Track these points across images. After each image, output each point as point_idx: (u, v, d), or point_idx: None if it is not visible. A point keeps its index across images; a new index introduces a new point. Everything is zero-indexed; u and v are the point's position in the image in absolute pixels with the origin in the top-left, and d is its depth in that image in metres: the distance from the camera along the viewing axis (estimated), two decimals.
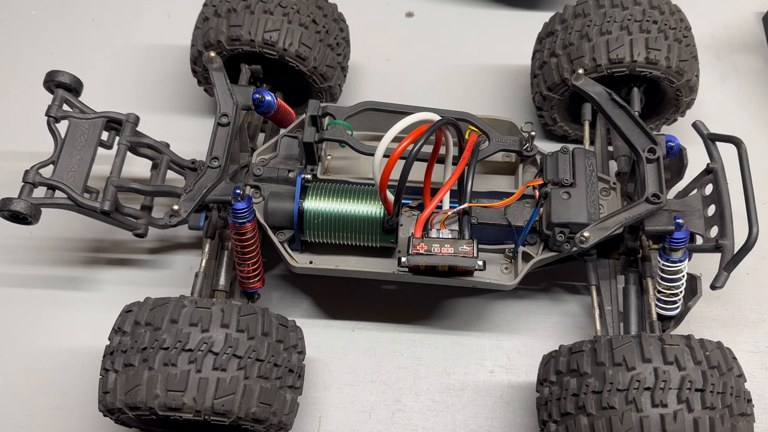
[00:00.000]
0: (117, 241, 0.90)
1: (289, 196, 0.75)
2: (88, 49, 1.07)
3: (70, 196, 0.74)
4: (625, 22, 0.83)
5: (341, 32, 0.92)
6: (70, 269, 0.89)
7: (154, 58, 1.06)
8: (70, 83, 0.79)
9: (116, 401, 0.64)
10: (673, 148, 0.76)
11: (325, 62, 0.87)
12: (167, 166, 0.82)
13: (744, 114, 0.99)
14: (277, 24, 0.84)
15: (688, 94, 0.86)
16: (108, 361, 0.66)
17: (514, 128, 0.80)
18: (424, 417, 0.79)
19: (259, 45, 0.83)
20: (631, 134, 0.74)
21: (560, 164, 0.74)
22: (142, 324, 0.66)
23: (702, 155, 0.75)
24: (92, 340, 0.80)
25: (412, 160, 0.63)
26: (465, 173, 0.73)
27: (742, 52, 1.05)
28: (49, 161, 0.76)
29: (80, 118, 0.78)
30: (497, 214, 0.75)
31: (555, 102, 0.89)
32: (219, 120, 0.78)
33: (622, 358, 0.63)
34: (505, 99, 1.02)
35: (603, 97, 0.76)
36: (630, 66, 0.82)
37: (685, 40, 0.85)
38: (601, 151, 0.84)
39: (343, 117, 0.77)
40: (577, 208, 0.72)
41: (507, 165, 0.83)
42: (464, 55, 1.07)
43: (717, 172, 0.73)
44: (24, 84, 1.01)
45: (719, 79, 1.02)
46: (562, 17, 0.89)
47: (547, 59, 0.88)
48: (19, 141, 0.95)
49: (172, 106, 1.01)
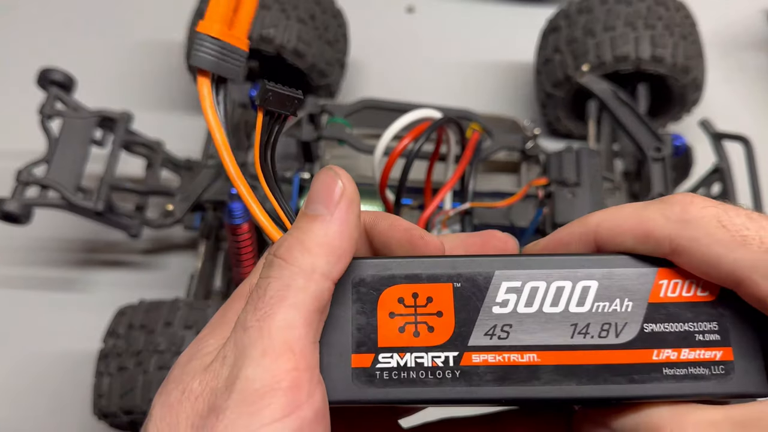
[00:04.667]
0: (110, 241, 0.89)
1: (286, 196, 0.74)
2: (81, 46, 1.06)
3: (64, 196, 0.73)
4: (629, 18, 0.82)
5: (340, 28, 0.91)
6: (63, 270, 0.87)
7: (148, 55, 1.05)
8: (64, 81, 0.78)
9: (111, 405, 0.63)
10: (680, 146, 0.75)
11: (323, 59, 0.86)
12: (162, 165, 0.80)
13: (751, 112, 0.98)
14: (275, 19, 0.83)
15: (694, 91, 0.85)
16: (102, 365, 0.65)
17: (516, 126, 0.79)
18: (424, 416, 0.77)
19: (256, 41, 0.82)
20: (636, 133, 0.73)
21: (565, 163, 0.73)
22: (136, 327, 0.65)
23: (709, 154, 0.74)
24: (86, 343, 0.79)
25: (413, 158, 0.62)
26: (467, 172, 0.71)
27: (748, 50, 1.04)
28: (42, 160, 0.75)
29: (73, 116, 0.77)
30: (500, 214, 0.74)
31: (559, 99, 0.88)
32: None
33: None
34: (508, 96, 1.01)
35: (608, 95, 0.75)
36: (635, 63, 0.81)
37: (691, 37, 0.84)
38: (606, 150, 0.83)
39: (341, 115, 0.75)
40: (581, 208, 0.71)
41: (510, 164, 0.82)
42: (466, 51, 1.06)
43: (724, 171, 0.72)
44: (16, 81, 1.00)
45: (726, 77, 1.01)
46: (567, 13, 0.88)
47: (550, 56, 0.87)
48: (9, 139, 0.94)
49: (166, 104, 1.00)
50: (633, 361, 0.28)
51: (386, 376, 0.28)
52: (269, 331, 0.25)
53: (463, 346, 0.28)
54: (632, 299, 0.28)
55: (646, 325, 0.28)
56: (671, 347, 0.28)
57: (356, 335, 0.28)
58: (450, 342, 0.28)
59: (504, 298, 0.29)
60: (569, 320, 0.28)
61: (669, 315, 0.28)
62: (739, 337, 0.28)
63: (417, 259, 0.29)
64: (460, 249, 0.31)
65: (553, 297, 0.29)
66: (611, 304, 0.28)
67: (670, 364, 0.28)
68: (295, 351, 0.25)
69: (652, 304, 0.28)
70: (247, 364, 0.25)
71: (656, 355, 0.28)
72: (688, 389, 0.27)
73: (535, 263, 0.29)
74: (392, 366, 0.28)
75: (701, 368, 0.28)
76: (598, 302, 0.28)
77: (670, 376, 0.28)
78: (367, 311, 0.28)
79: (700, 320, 0.28)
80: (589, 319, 0.28)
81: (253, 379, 0.25)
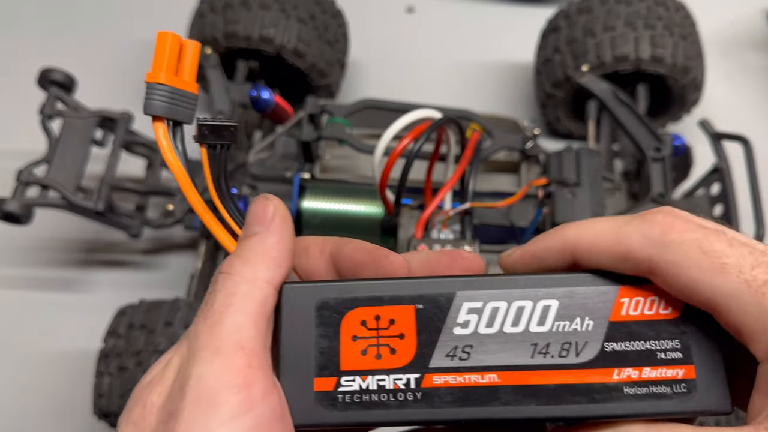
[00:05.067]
0: (110, 241, 0.89)
1: (286, 196, 0.74)
2: (81, 46, 1.06)
3: (64, 196, 0.73)
4: (629, 18, 0.82)
5: (340, 28, 0.91)
6: (63, 270, 0.87)
7: (148, 55, 1.04)
8: (64, 81, 0.78)
9: (111, 405, 0.63)
10: (679, 147, 0.75)
11: (323, 59, 0.86)
12: (162, 165, 0.80)
13: (751, 112, 0.98)
14: (275, 20, 0.82)
15: (693, 91, 0.85)
16: (102, 365, 0.65)
17: (516, 126, 0.79)
18: None
19: (256, 41, 0.82)
20: (636, 133, 0.73)
21: (564, 163, 0.73)
22: (136, 326, 0.65)
23: (709, 154, 0.74)
24: (86, 343, 0.79)
25: (413, 158, 0.62)
26: (467, 172, 0.71)
27: (749, 50, 1.04)
28: (43, 160, 0.75)
29: (74, 116, 0.77)
30: (500, 214, 0.74)
31: (559, 99, 0.87)
32: (215, 117, 0.76)
33: None
34: (508, 96, 1.01)
35: (608, 95, 0.75)
36: (635, 63, 0.81)
37: (691, 37, 0.84)
38: (606, 150, 0.83)
39: (342, 115, 0.75)
40: (581, 208, 0.71)
41: (510, 164, 0.81)
42: (466, 51, 1.06)
43: (724, 171, 0.72)
44: (16, 81, 1.00)
45: (726, 77, 1.01)
46: (567, 13, 0.88)
47: (550, 56, 0.87)
48: (9, 139, 0.94)
49: None
50: (593, 381, 0.28)
51: (348, 400, 0.28)
52: (219, 334, 0.26)
53: (425, 368, 0.28)
54: (593, 318, 0.28)
55: (607, 344, 0.28)
56: (632, 366, 0.28)
57: (319, 359, 0.28)
58: (412, 364, 0.28)
59: (465, 319, 0.28)
60: (530, 340, 0.28)
61: (630, 333, 0.28)
62: (701, 354, 0.28)
63: (379, 282, 0.29)
64: (426, 268, 0.31)
65: (513, 317, 0.28)
66: (572, 323, 0.28)
67: (631, 383, 0.28)
68: (246, 350, 0.26)
69: (614, 322, 0.28)
70: (199, 363, 0.26)
71: (617, 374, 0.28)
72: (650, 408, 0.27)
73: (496, 283, 0.29)
74: (354, 389, 0.28)
75: (663, 387, 0.27)
76: (559, 321, 0.28)
77: (632, 395, 0.27)
78: (329, 334, 0.28)
79: (662, 338, 0.28)
80: (550, 338, 0.28)
81: (206, 377, 0.25)
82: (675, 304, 0.28)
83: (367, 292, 0.29)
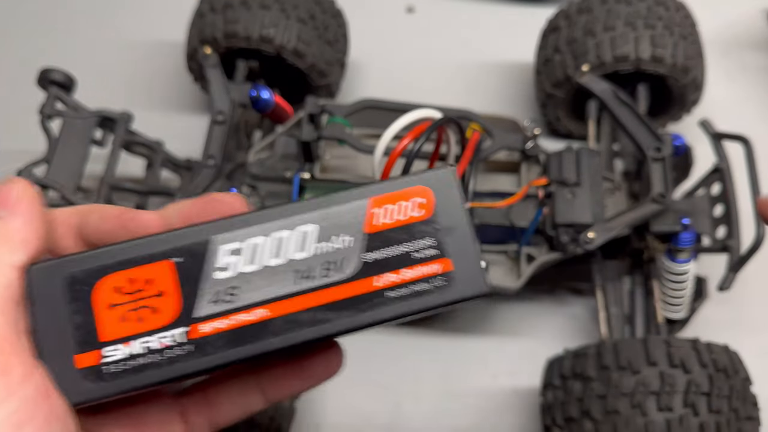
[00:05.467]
0: None
1: (286, 196, 0.74)
2: (81, 45, 1.06)
3: (64, 196, 0.73)
4: (629, 18, 0.82)
5: (340, 28, 0.91)
6: None
7: (148, 55, 1.05)
8: (64, 81, 0.78)
9: None
10: (680, 146, 0.75)
11: (323, 59, 0.86)
12: (162, 165, 0.80)
13: (752, 111, 0.98)
14: (275, 19, 0.82)
15: (693, 91, 0.85)
16: None
17: (516, 126, 0.79)
18: (425, 423, 0.77)
19: (256, 41, 0.82)
20: (636, 133, 0.73)
21: (565, 163, 0.73)
22: None
23: (709, 154, 0.74)
24: None
25: (413, 158, 0.62)
26: (467, 172, 0.71)
27: (749, 49, 1.04)
28: (42, 160, 0.74)
29: (74, 116, 0.77)
30: (500, 214, 0.74)
31: (559, 99, 0.87)
32: (215, 118, 0.76)
33: (627, 362, 0.62)
34: (508, 96, 1.01)
35: (608, 95, 0.75)
36: (635, 63, 0.81)
37: (691, 37, 0.84)
38: (606, 150, 0.82)
39: (341, 114, 0.75)
40: (581, 208, 0.70)
41: (510, 164, 0.81)
42: (466, 51, 1.06)
43: (724, 171, 0.72)
44: (16, 81, 1.00)
45: (726, 77, 1.01)
46: (567, 13, 0.88)
47: (550, 56, 0.87)
48: (9, 139, 0.94)
49: (166, 104, 1.00)
50: (356, 293, 0.29)
51: (115, 369, 0.28)
52: None
53: (190, 319, 0.28)
54: (349, 233, 0.29)
55: (364, 254, 0.29)
56: (391, 270, 0.29)
57: (76, 335, 0.28)
58: (178, 319, 0.28)
59: (226, 262, 0.28)
60: (293, 267, 0.29)
61: (386, 240, 0.29)
62: (455, 246, 0.29)
63: (127, 243, 0.29)
64: (183, 219, 0.30)
65: (274, 249, 0.29)
66: (331, 243, 0.29)
67: (392, 287, 0.29)
68: None
69: (370, 234, 0.29)
70: None
71: (377, 281, 0.29)
72: (412, 306, 0.29)
73: (252, 219, 0.29)
74: (119, 357, 0.28)
75: (423, 284, 0.29)
76: (318, 244, 0.29)
77: (394, 297, 0.29)
78: (82, 309, 0.28)
79: (416, 239, 0.29)
80: (312, 262, 0.29)
81: None
82: (427, 206, 0.29)
83: (116, 257, 0.28)
